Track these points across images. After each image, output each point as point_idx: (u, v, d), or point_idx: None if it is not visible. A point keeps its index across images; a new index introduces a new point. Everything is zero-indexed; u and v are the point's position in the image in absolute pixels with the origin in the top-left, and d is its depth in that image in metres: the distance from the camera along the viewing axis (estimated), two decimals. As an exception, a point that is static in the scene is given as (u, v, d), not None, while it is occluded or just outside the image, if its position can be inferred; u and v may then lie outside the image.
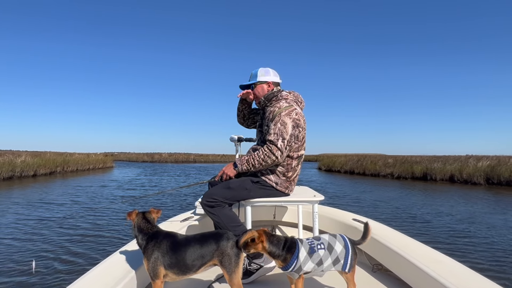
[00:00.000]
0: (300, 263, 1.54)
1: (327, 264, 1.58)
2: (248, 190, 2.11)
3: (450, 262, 1.74)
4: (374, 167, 21.68)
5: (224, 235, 1.58)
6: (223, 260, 1.52)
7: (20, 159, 17.23)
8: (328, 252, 1.59)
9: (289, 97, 2.23)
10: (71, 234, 5.36)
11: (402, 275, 1.89)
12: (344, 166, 25.02)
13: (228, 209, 2.09)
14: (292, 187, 2.22)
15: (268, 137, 2.06)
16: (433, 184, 16.16)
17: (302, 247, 1.58)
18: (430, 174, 17.86)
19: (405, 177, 19.07)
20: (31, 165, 17.33)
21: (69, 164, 21.70)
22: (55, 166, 20.02)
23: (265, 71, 2.32)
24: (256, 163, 2.04)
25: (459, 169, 16.81)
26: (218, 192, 2.08)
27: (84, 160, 24.11)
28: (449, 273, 1.58)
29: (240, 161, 2.09)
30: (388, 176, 20.06)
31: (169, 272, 1.54)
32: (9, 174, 15.61)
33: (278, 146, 2.01)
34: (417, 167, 18.86)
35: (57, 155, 22.75)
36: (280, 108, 2.09)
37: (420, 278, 1.68)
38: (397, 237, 2.21)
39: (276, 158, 2.02)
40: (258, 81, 2.29)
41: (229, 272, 1.51)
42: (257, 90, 2.29)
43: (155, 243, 1.57)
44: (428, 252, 1.90)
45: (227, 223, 2.03)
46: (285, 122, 2.04)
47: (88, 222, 6.26)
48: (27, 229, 5.68)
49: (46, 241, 4.96)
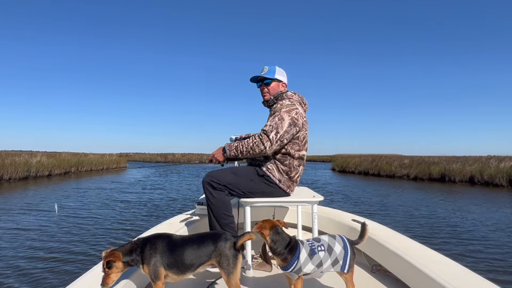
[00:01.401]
0: (300, 264, 1.54)
1: (326, 266, 1.59)
2: (253, 182, 2.13)
3: (449, 263, 1.75)
4: (389, 168, 21.06)
5: (222, 236, 1.57)
6: (221, 261, 1.51)
7: (36, 159, 17.60)
8: (328, 253, 1.60)
9: (294, 97, 2.27)
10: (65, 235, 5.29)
11: (401, 276, 1.88)
12: (358, 166, 24.44)
13: (227, 197, 2.10)
14: (293, 187, 2.24)
15: (263, 127, 2.10)
16: (451, 185, 15.48)
17: (303, 249, 1.58)
18: (448, 175, 17.19)
19: (421, 178, 18.42)
20: (46, 166, 17.69)
21: (83, 165, 22.09)
22: (70, 167, 20.41)
23: (281, 71, 2.36)
24: (244, 150, 2.07)
25: (479, 170, 16.10)
26: (223, 175, 2.09)
27: (98, 160, 24.48)
28: (448, 274, 1.58)
29: (229, 147, 2.12)
30: (404, 177, 19.43)
31: (169, 272, 1.53)
32: (25, 174, 15.97)
33: (270, 137, 2.03)
34: (435, 168, 18.18)
35: (72, 156, 23.19)
36: (282, 105, 2.13)
37: (419, 279, 1.68)
38: (396, 237, 2.21)
39: (264, 148, 2.04)
40: (276, 78, 2.31)
41: (226, 273, 1.50)
42: (272, 87, 2.31)
43: (150, 246, 1.54)
44: (427, 253, 1.90)
45: (219, 209, 2.06)
46: (283, 117, 2.06)
47: (80, 224, 6.17)
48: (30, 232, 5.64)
49: (46, 241, 4.89)
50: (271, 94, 2.31)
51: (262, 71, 2.35)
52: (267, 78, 2.30)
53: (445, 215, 7.61)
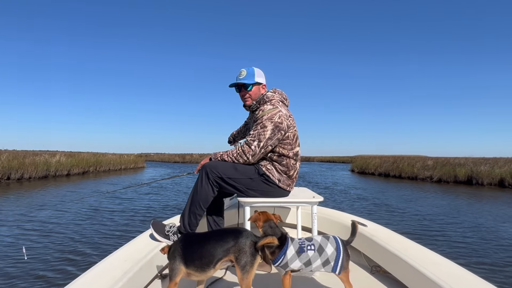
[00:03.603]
0: (286, 260, 1.58)
1: (316, 265, 1.60)
2: (252, 180, 2.12)
3: (448, 264, 1.75)
4: (411, 169, 20.08)
5: (244, 233, 1.56)
6: (239, 257, 1.51)
7: (55, 159, 18.06)
8: (317, 253, 1.60)
9: (275, 97, 2.21)
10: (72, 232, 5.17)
11: (401, 277, 1.89)
12: (378, 168, 23.50)
13: (213, 194, 2.09)
14: (292, 185, 2.25)
15: (246, 137, 2.13)
16: (479, 189, 14.48)
17: (292, 246, 1.62)
18: (476, 178, 16.16)
19: (446, 180, 17.42)
20: (65, 165, 18.12)
21: (102, 164, 22.53)
22: (88, 166, 20.86)
23: (260, 72, 2.28)
24: (229, 160, 2.11)
25: (510, 173, 15.07)
26: (223, 168, 2.08)
27: (116, 160, 24.94)
28: (447, 275, 1.59)
29: (215, 156, 2.16)
30: (426, 179, 18.43)
31: (191, 270, 1.54)
32: (44, 173, 16.41)
33: (252, 147, 2.05)
34: (461, 170, 17.12)
35: (91, 155, 23.73)
36: (264, 111, 2.09)
37: (419, 280, 1.68)
38: (396, 239, 2.21)
39: (247, 158, 2.08)
40: (256, 82, 2.24)
41: (242, 271, 1.49)
42: (254, 91, 2.25)
43: (175, 243, 1.63)
44: (427, 254, 1.91)
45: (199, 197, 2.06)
46: (265, 125, 2.05)
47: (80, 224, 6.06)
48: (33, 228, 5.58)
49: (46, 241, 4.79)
50: (253, 99, 2.25)
51: (240, 75, 2.25)
52: (247, 84, 2.22)
53: (490, 225, 6.95)
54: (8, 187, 12.31)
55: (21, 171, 14.90)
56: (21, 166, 14.98)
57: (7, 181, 14.13)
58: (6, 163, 14.36)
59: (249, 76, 2.23)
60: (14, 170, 14.53)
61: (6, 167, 14.18)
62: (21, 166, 15.04)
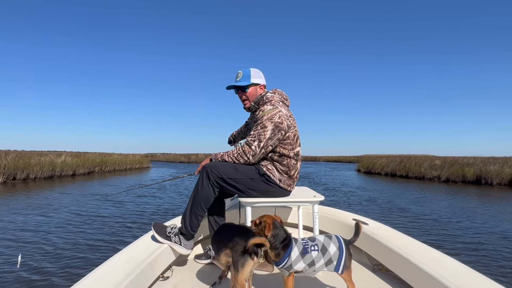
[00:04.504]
0: (291, 261, 1.58)
1: (319, 265, 1.60)
2: (252, 180, 2.11)
3: (450, 262, 1.75)
4: (418, 169, 19.73)
5: (244, 233, 1.61)
6: (232, 254, 1.57)
7: (60, 159, 18.17)
8: (321, 253, 1.60)
9: (275, 97, 2.20)
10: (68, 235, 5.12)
11: (403, 275, 1.88)
12: (385, 168, 23.17)
13: (213, 195, 2.09)
14: (293, 185, 2.25)
15: (247, 137, 2.13)
16: (488, 189, 14.14)
17: (296, 247, 1.61)
18: (485, 178, 15.80)
19: (454, 180, 17.06)
20: (70, 165, 18.22)
21: (107, 164, 22.62)
22: (94, 166, 20.95)
23: (257, 73, 2.27)
24: (230, 161, 2.11)
25: (521, 172, 14.65)
26: (224, 168, 2.08)
27: (122, 160, 25.02)
28: (449, 273, 1.58)
29: (215, 156, 2.16)
30: (434, 179, 18.09)
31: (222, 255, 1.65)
32: (50, 173, 16.51)
33: (252, 148, 2.05)
34: (469, 169, 16.76)
35: (96, 156, 23.85)
36: (264, 111, 2.09)
37: (421, 278, 1.68)
38: (397, 236, 2.21)
39: (248, 159, 2.08)
40: (252, 83, 2.23)
41: (234, 268, 1.54)
42: (250, 93, 2.25)
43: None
44: (429, 252, 1.90)
45: (200, 197, 2.06)
46: (266, 126, 2.04)
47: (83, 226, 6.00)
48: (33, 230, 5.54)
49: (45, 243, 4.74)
50: (251, 100, 2.25)
51: (237, 77, 2.26)
52: (243, 86, 2.23)
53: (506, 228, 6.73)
54: (13, 187, 12.39)
55: (26, 171, 15.00)
56: (26, 167, 15.08)
57: (12, 181, 14.23)
58: (12, 164, 14.47)
59: (245, 78, 2.24)
60: (19, 170, 14.64)
61: (11, 167, 14.29)
62: (27, 166, 15.13)
